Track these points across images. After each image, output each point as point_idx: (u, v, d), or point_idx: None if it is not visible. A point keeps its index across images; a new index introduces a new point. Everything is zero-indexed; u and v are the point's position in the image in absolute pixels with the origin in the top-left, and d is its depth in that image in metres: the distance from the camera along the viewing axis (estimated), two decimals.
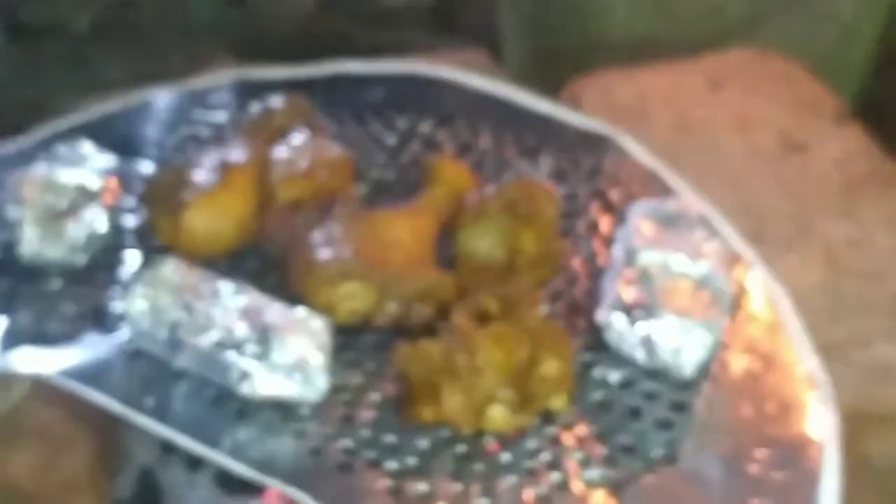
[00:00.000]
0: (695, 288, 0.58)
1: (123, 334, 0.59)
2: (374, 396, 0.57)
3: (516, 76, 0.98)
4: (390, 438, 0.55)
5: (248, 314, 0.55)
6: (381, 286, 0.58)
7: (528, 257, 0.61)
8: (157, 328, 0.56)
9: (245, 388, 0.55)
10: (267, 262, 0.63)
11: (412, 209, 0.63)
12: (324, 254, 0.58)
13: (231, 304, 0.56)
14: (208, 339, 0.55)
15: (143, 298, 0.56)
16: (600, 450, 0.55)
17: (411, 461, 0.54)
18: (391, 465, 0.54)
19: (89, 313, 0.60)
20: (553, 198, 0.64)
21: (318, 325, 0.56)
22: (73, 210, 0.62)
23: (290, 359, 0.54)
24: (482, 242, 0.62)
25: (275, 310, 0.56)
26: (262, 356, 0.54)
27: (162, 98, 0.74)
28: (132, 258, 0.64)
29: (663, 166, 0.69)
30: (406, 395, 0.56)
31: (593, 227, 0.66)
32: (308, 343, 0.55)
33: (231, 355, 0.54)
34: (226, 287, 0.57)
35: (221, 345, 0.55)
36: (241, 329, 0.55)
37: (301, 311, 0.56)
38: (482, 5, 1.16)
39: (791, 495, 0.53)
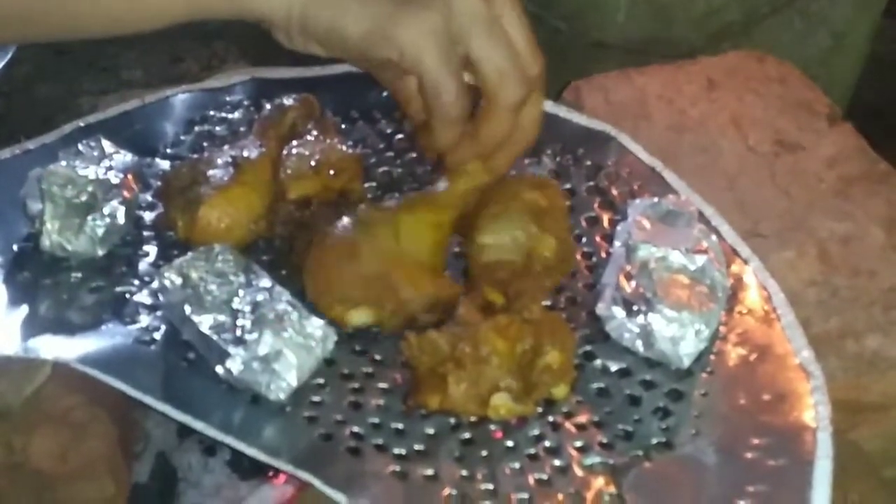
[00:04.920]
0: (692, 282, 0.59)
1: (142, 322, 0.61)
2: (382, 384, 0.58)
3: None
4: (397, 424, 0.56)
5: (257, 307, 0.57)
6: (390, 308, 0.59)
7: (544, 262, 0.62)
8: (178, 301, 0.58)
9: (220, 369, 0.56)
10: (278, 256, 0.64)
11: (432, 204, 0.62)
12: (337, 275, 0.59)
13: (250, 296, 0.57)
14: (208, 320, 0.56)
15: (178, 273, 0.58)
16: (600, 436, 0.56)
17: (418, 446, 0.55)
18: (398, 449, 0.55)
19: (108, 303, 0.62)
20: (565, 198, 0.65)
21: (319, 333, 0.57)
22: (92, 204, 0.64)
23: (265, 351, 0.55)
24: (499, 241, 0.62)
25: (282, 307, 0.57)
26: (242, 342, 0.55)
27: (178, 98, 0.75)
28: (149, 251, 0.65)
29: (662, 164, 0.70)
30: (413, 383, 0.57)
31: (594, 223, 0.68)
32: (292, 342, 0.56)
33: (216, 336, 0.56)
34: (260, 282, 0.58)
35: (215, 327, 0.56)
36: (242, 319, 0.56)
37: (314, 320, 0.57)
38: None
39: (785, 481, 0.54)
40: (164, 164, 0.71)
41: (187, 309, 0.57)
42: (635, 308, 0.59)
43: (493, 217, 0.62)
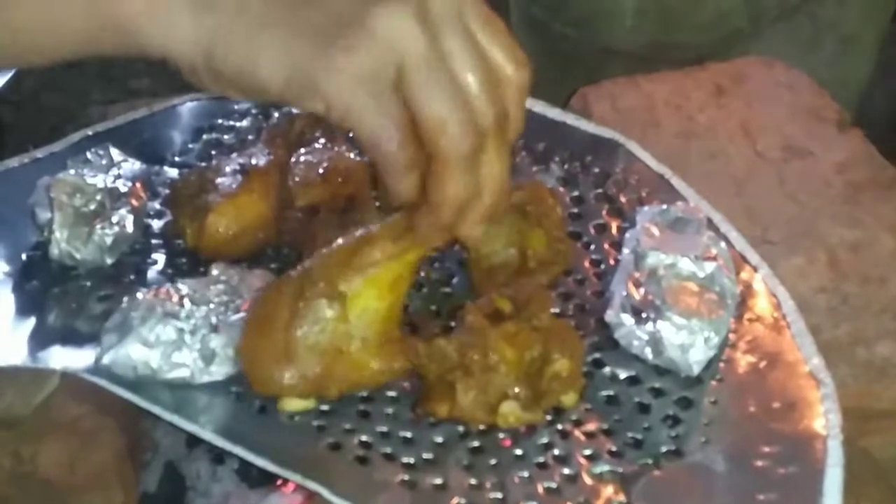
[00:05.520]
0: (701, 289, 0.59)
1: None
2: (391, 392, 0.58)
3: None
4: (406, 433, 0.56)
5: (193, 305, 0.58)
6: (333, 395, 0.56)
7: (538, 257, 0.62)
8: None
9: None
10: (286, 264, 0.64)
11: (387, 251, 0.54)
12: (271, 374, 0.55)
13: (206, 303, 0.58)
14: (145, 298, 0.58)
15: (217, 270, 0.60)
16: (609, 444, 0.55)
17: (426, 455, 0.55)
18: (407, 458, 0.55)
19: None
20: (557, 198, 0.65)
21: (197, 363, 0.57)
22: (100, 213, 0.64)
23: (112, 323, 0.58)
24: (494, 244, 0.63)
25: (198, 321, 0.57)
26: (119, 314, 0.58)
27: (186, 106, 0.75)
28: (157, 259, 0.66)
29: (670, 171, 0.70)
30: (421, 391, 0.57)
31: (603, 230, 0.67)
32: (157, 338, 0.57)
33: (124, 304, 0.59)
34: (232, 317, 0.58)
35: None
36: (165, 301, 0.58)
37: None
38: None
39: (796, 489, 0.53)
40: (173, 173, 0.71)
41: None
42: (644, 315, 0.59)
43: None
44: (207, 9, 0.45)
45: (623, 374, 0.59)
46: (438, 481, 0.54)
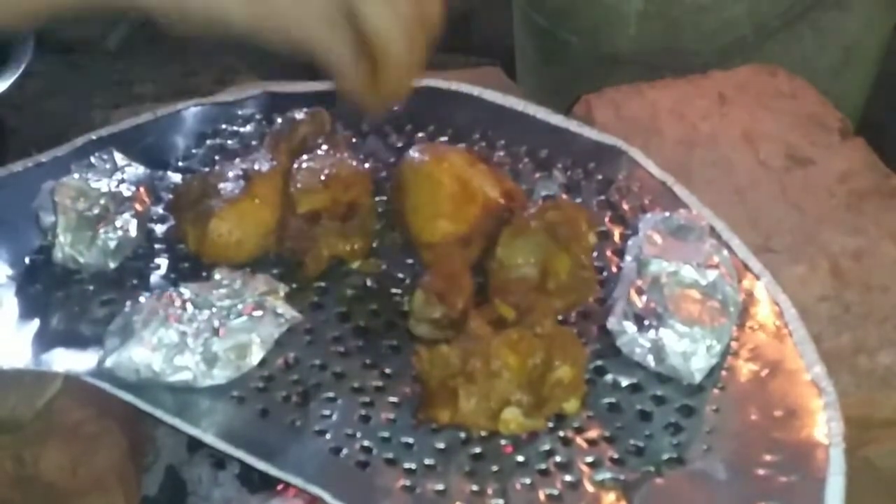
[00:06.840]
0: (703, 297, 0.59)
1: None
2: (393, 398, 0.58)
3: (530, 91, 0.99)
4: (408, 438, 0.56)
5: (195, 309, 0.59)
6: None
7: (559, 281, 0.61)
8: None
9: None
10: (288, 270, 0.64)
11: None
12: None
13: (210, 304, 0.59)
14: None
15: (220, 275, 0.60)
16: (611, 452, 0.56)
17: (428, 461, 0.55)
18: (408, 464, 0.55)
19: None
20: (593, 224, 0.64)
21: (196, 367, 0.58)
22: (104, 217, 0.64)
23: (117, 325, 0.59)
24: (517, 258, 0.62)
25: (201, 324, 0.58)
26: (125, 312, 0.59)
27: (190, 111, 0.75)
28: (160, 264, 0.66)
29: (673, 179, 0.70)
30: (424, 397, 0.57)
31: (605, 237, 0.67)
32: (157, 339, 0.57)
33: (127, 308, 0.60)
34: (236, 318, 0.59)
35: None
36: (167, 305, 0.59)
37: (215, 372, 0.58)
38: (497, 22, 1.19)
39: (797, 497, 0.53)
40: (176, 177, 0.71)
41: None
42: (646, 323, 0.59)
43: (513, 234, 0.62)
44: None
45: (625, 382, 0.59)
46: (440, 487, 0.54)
